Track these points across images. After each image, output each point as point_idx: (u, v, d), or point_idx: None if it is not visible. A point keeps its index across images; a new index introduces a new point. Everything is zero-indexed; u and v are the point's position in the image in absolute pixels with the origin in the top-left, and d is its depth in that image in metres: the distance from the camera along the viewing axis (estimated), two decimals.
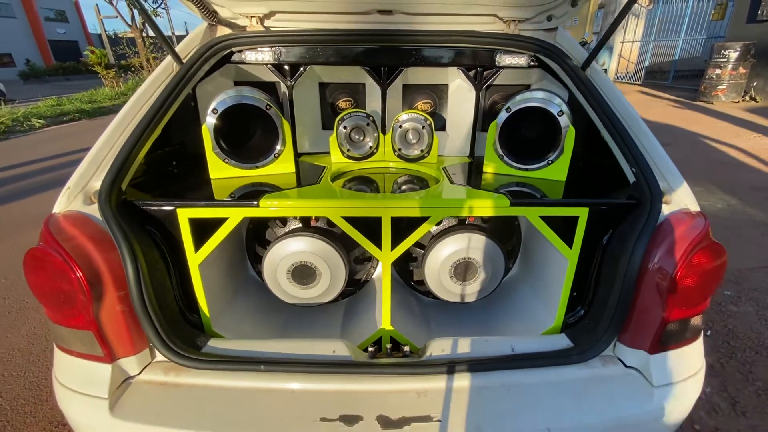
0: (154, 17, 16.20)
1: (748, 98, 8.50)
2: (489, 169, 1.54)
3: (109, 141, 1.20)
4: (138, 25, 16.78)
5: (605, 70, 13.39)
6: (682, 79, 11.16)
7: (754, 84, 8.43)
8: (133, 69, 17.55)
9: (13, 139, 8.52)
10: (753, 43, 8.03)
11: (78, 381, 1.11)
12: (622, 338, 1.20)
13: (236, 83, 1.80)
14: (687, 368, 1.18)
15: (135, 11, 17.05)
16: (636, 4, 13.06)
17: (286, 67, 1.69)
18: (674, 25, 11.58)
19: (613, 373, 1.19)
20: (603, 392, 1.14)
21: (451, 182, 1.43)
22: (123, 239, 1.05)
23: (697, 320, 1.17)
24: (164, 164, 1.53)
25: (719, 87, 8.36)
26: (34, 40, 31.51)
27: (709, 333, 2.35)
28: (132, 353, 1.13)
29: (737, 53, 8.03)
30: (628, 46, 13.45)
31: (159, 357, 1.18)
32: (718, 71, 8.28)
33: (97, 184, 1.12)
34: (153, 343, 1.12)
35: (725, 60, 8.12)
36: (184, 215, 1.18)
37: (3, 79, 17.36)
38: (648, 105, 9.40)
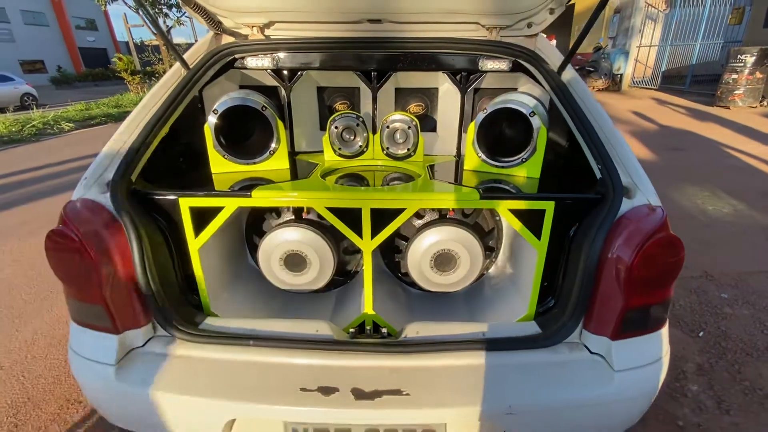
0: (178, 26, 16.85)
1: (765, 103, 8.31)
2: (469, 166, 1.64)
3: (121, 137, 1.35)
4: None
5: (620, 75, 13.27)
6: (699, 83, 10.96)
7: None
8: (157, 75, 18.24)
9: (44, 141, 9.01)
10: None
11: (89, 350, 1.25)
12: (588, 326, 1.27)
13: (241, 87, 1.95)
14: (648, 355, 1.24)
15: (160, 19, 17.74)
16: (653, 8, 12.94)
17: (284, 72, 1.83)
18: (691, 30, 11.40)
19: (578, 358, 1.26)
20: (566, 375, 1.21)
21: (431, 178, 1.53)
22: (130, 224, 1.19)
23: (657, 310, 1.24)
24: (173, 160, 1.68)
25: (736, 92, 8.20)
26: (65, 47, 33.00)
27: (701, 334, 2.37)
28: (137, 326, 1.26)
29: (754, 58, 7.88)
30: (645, 50, 13.27)
31: (161, 331, 1.31)
32: (734, 76, 8.13)
33: (109, 175, 1.27)
34: (155, 318, 1.26)
35: (742, 65, 7.97)
36: (185, 204, 1.31)
37: (36, 84, 18.25)
38: (663, 110, 9.27)
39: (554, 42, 20.36)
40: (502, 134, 1.69)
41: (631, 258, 1.13)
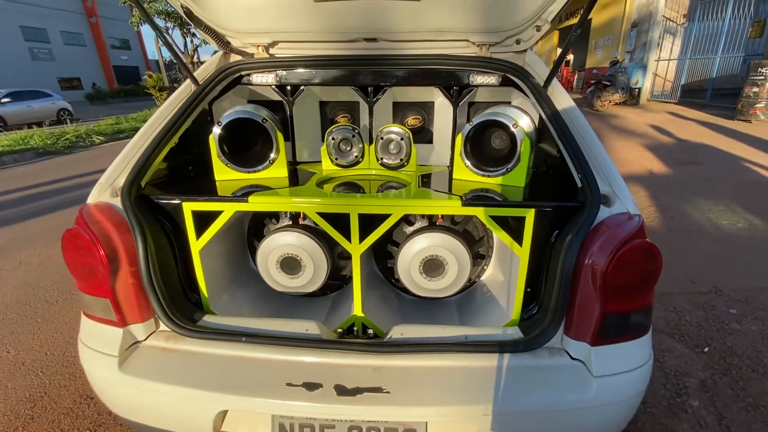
0: (204, 44, 17.65)
1: None
2: (458, 175, 1.70)
3: (134, 147, 1.48)
4: (189, 52, 18.35)
5: (638, 89, 13.10)
6: (720, 97, 10.72)
7: None
8: None
9: (75, 153, 9.55)
10: None
11: (96, 341, 1.35)
12: (568, 331, 1.29)
13: (249, 102, 2.08)
14: (629, 362, 1.25)
15: (187, 39, 18.66)
16: (671, 22, 12.82)
17: (287, 87, 1.95)
18: (711, 43, 11.21)
19: (559, 363, 1.28)
20: (544, 380, 1.23)
21: (420, 186, 1.60)
22: (137, 225, 1.30)
23: (637, 316, 1.25)
24: (183, 168, 1.81)
25: (757, 105, 7.99)
26: (100, 65, 34.98)
27: (706, 350, 2.31)
28: (140, 321, 1.36)
29: None
30: (663, 64, 13.10)
31: (162, 327, 1.41)
32: (755, 89, 7.94)
33: (121, 181, 1.39)
34: (156, 313, 1.35)
35: (763, 78, 7.79)
36: (188, 208, 1.42)
37: (72, 100, 19.36)
38: (681, 123, 9.10)
39: (571, 57, 20.32)
40: (489, 145, 1.75)
41: (606, 263, 1.16)
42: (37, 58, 29.68)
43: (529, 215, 1.33)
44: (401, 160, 1.86)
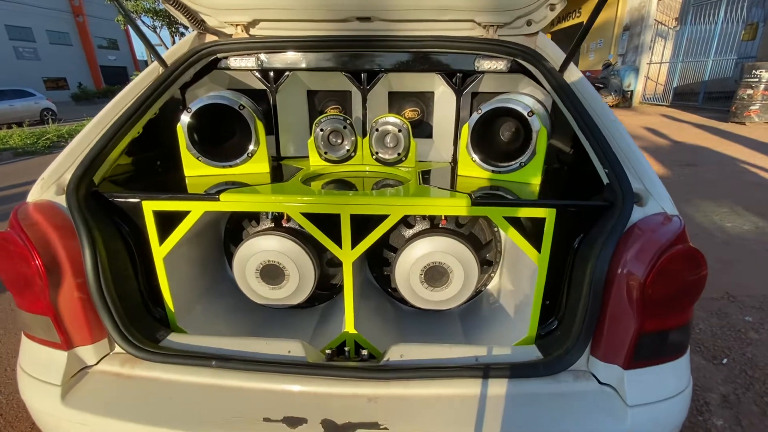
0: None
1: None
2: (463, 171, 1.51)
3: (86, 137, 1.26)
4: None
5: (631, 92, 13.12)
6: (712, 100, 10.75)
7: None
8: None
9: (56, 153, 9.14)
10: None
11: (36, 367, 1.13)
12: (596, 352, 1.11)
13: (228, 90, 1.87)
14: (667, 388, 1.07)
15: (176, 39, 18.31)
16: (663, 26, 12.88)
17: (270, 73, 1.74)
18: (703, 46, 11.26)
19: (585, 389, 1.10)
20: (570, 409, 1.05)
21: (420, 183, 1.41)
22: (83, 227, 1.08)
23: (677, 335, 1.08)
24: (150, 163, 1.59)
25: (752, 107, 7.98)
26: (87, 65, 34.25)
27: (725, 361, 2.15)
28: (89, 342, 1.14)
29: None
30: (655, 67, 13.14)
31: (117, 349, 1.19)
32: (749, 91, 7.93)
33: (69, 176, 1.18)
34: (109, 333, 1.13)
35: (757, 80, 7.78)
36: (149, 207, 1.21)
37: (57, 100, 18.84)
38: (676, 126, 9.07)
39: None
40: (499, 137, 1.57)
41: (645, 274, 0.98)
42: (22, 58, 28.96)
43: (550, 216, 1.14)
44: (399, 154, 1.66)
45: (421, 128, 1.92)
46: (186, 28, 17.18)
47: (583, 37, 1.32)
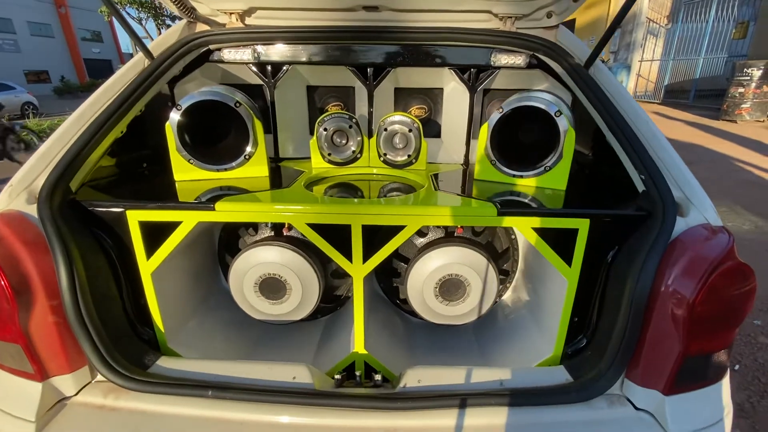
0: None
1: None
2: (480, 176, 1.40)
3: (62, 138, 1.12)
4: None
5: None
6: (703, 98, 10.83)
7: None
8: None
9: (35, 148, 8.82)
10: None
11: (6, 400, 0.99)
12: (632, 375, 1.02)
13: (221, 85, 1.73)
14: (711, 413, 0.99)
15: (162, 30, 17.83)
16: (654, 24, 12.95)
17: (267, 67, 1.61)
18: (694, 44, 11.33)
19: (621, 415, 1.00)
20: None
21: (436, 189, 1.29)
22: (58, 241, 0.94)
23: (722, 355, 0.99)
24: (133, 165, 1.45)
25: (743, 106, 8.04)
26: (70, 58, 33.24)
27: (737, 367, 2.10)
28: (67, 371, 1.01)
29: (761, 71, 7.75)
30: (647, 65, 13.22)
31: (100, 377, 1.06)
32: (741, 90, 7.98)
33: (41, 182, 1.03)
34: (91, 360, 1.00)
35: (749, 78, 7.83)
36: (134, 218, 1.07)
37: (39, 94, 18.21)
38: (668, 123, 9.11)
39: None
40: (520, 138, 1.46)
41: (694, 292, 0.88)
42: (2, 50, 27.95)
43: (583, 227, 1.04)
44: (409, 156, 1.54)
45: (429, 127, 1.81)
46: (173, 19, 16.73)
47: (612, 32, 1.22)
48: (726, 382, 1.04)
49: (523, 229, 1.06)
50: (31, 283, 0.93)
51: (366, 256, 1.14)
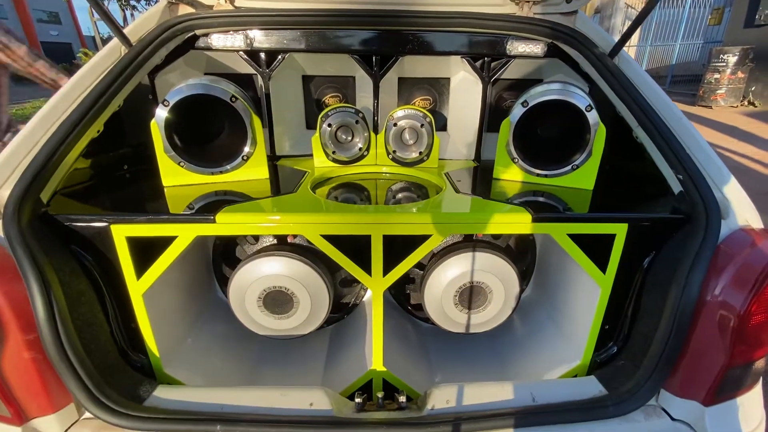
0: None
1: (746, 103, 8.40)
2: (501, 175, 1.31)
3: (28, 141, 0.96)
4: None
5: None
6: (679, 83, 11.07)
7: (753, 89, 8.33)
8: None
9: None
10: (752, 48, 7.94)
11: None
12: (669, 385, 0.97)
13: (207, 75, 1.56)
14: (747, 422, 0.96)
15: (127, 13, 16.83)
16: (632, 9, 13.07)
17: (261, 55, 1.45)
18: (671, 30, 11.51)
19: (659, 428, 0.96)
20: None
21: (456, 191, 1.20)
22: (30, 265, 0.80)
23: (761, 363, 0.95)
24: (112, 168, 1.29)
25: (718, 91, 8.24)
26: (26, 41, 31.04)
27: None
28: (50, 411, 0.88)
29: (736, 57, 7.93)
30: (625, 50, 13.41)
31: (88, 414, 0.93)
32: (716, 75, 8.16)
33: (6, 193, 0.88)
34: (75, 397, 0.87)
35: (724, 64, 8.01)
36: (121, 233, 0.93)
37: None
38: None
39: None
40: (543, 134, 1.37)
41: (745, 303, 0.83)
42: None
43: (620, 232, 0.97)
44: (420, 153, 1.44)
45: (434, 119, 1.70)
46: (139, 0, 15.73)
47: (643, 17, 1.14)
48: (759, 389, 1.01)
49: (558, 237, 0.99)
50: (0, 316, 0.79)
51: (387, 270, 1.05)
